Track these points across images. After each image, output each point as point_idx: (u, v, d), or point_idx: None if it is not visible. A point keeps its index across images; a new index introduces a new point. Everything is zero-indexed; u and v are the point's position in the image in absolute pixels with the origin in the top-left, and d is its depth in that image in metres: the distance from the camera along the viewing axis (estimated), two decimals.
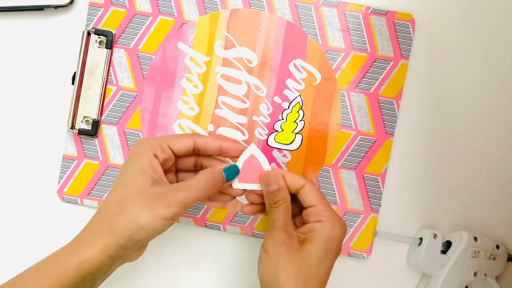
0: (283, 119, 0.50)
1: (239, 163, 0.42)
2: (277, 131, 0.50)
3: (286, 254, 0.40)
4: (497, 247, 0.51)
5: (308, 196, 0.42)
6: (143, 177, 0.39)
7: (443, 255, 0.49)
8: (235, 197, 0.45)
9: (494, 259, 0.50)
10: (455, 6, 0.51)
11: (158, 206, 0.38)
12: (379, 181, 0.50)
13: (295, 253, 0.40)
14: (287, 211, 0.42)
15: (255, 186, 0.43)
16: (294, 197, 0.43)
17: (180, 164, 0.44)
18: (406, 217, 0.51)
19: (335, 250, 0.41)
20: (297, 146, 0.50)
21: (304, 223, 0.42)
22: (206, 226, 0.51)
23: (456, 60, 0.51)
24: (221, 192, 0.44)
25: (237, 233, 0.51)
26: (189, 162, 0.44)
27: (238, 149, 0.43)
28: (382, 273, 0.52)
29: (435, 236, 0.48)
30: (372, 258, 0.51)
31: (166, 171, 0.42)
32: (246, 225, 0.50)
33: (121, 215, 0.38)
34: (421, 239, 0.50)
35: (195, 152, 0.43)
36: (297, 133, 0.50)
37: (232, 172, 0.42)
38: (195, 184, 0.40)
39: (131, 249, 0.39)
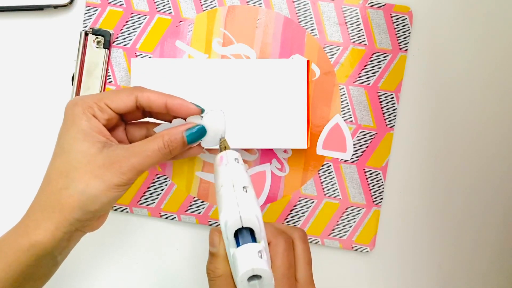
0: None
1: (324, 130, 0.42)
2: None
3: None
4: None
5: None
6: (88, 143, 0.35)
7: None
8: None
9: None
10: None
11: (110, 174, 0.34)
12: (381, 174, 0.50)
13: None
14: None
15: (337, 154, 0.42)
16: None
17: (129, 117, 0.40)
18: (406, 215, 0.51)
19: None
20: None
21: None
22: (208, 223, 0.50)
23: (455, 52, 0.51)
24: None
25: None
26: (138, 115, 0.40)
27: (187, 107, 0.38)
28: (383, 270, 0.52)
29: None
30: (374, 254, 0.51)
31: (112, 129, 0.39)
32: None
33: (69, 188, 0.34)
34: None
35: (140, 109, 0.38)
36: None
37: (196, 136, 0.37)
38: (151, 149, 0.36)
39: (89, 220, 0.36)
